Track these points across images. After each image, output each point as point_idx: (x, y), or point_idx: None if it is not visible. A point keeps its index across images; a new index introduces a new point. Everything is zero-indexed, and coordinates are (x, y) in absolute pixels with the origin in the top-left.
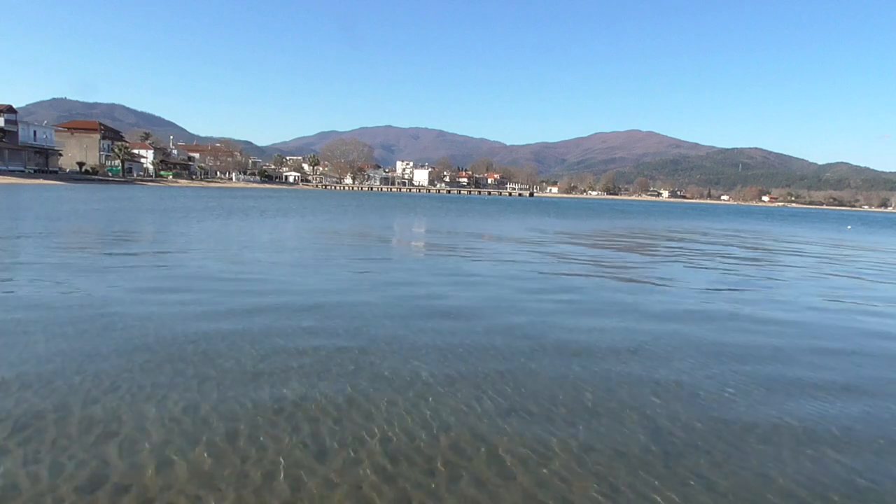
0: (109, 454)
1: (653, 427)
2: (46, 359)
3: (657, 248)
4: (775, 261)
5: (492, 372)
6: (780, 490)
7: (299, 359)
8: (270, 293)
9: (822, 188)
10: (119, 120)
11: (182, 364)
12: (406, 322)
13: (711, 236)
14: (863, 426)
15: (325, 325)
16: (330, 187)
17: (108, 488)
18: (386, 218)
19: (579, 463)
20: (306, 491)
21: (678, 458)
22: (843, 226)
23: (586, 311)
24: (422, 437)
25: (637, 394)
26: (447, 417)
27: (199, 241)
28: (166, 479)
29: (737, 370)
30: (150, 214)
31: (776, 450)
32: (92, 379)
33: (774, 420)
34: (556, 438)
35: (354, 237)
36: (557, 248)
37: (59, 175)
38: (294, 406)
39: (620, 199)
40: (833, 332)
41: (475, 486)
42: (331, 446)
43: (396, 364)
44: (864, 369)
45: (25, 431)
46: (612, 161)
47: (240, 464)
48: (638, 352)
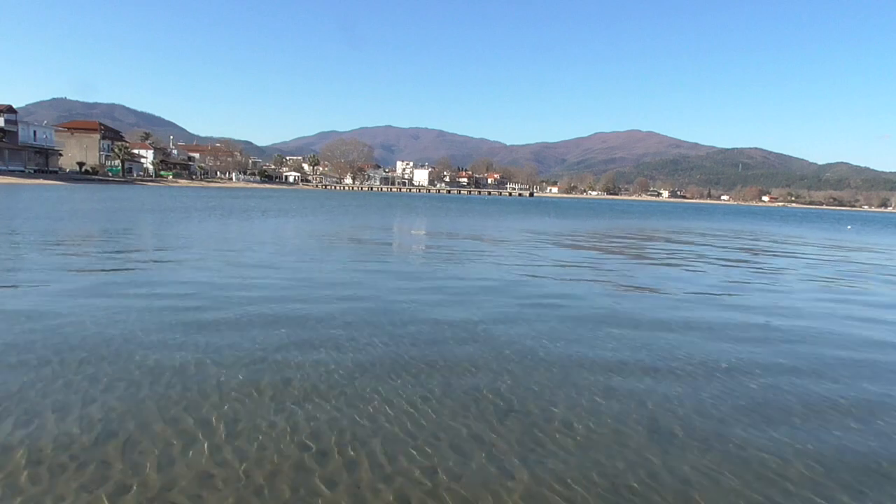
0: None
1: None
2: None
3: (667, 250)
4: (772, 263)
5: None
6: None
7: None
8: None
9: (822, 188)
10: (119, 120)
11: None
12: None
13: (712, 237)
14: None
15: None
16: (330, 187)
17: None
18: (387, 218)
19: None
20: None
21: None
22: (843, 226)
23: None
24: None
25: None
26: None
27: (201, 242)
28: (166, 479)
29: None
30: (150, 214)
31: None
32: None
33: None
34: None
35: (356, 240)
36: (561, 253)
37: (59, 175)
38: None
39: (620, 199)
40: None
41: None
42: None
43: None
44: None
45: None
46: (612, 161)
47: (239, 465)
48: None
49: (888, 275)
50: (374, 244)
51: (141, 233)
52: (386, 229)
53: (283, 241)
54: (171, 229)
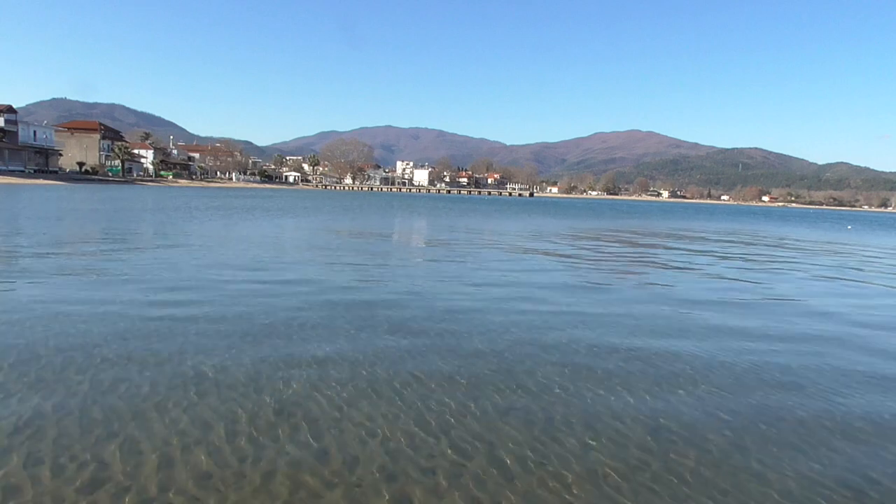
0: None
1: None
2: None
3: (677, 251)
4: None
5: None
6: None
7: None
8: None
9: (822, 188)
10: (119, 120)
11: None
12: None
13: (711, 238)
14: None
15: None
16: (330, 187)
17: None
18: (387, 218)
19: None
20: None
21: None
22: (843, 226)
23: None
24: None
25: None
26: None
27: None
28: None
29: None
30: (153, 215)
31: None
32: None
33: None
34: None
35: (359, 243)
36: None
37: (59, 175)
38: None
39: (620, 199)
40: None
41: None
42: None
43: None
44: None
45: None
46: (612, 161)
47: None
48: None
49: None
50: (439, 244)
51: (151, 232)
52: (385, 238)
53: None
54: (181, 227)
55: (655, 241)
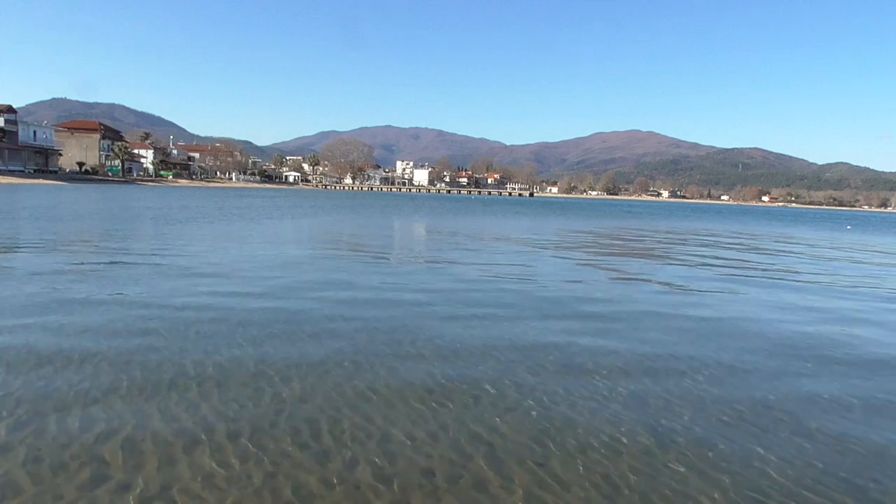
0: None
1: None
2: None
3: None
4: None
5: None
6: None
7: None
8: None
9: (822, 188)
10: (119, 120)
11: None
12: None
13: (714, 239)
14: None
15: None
16: (330, 187)
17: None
18: (388, 218)
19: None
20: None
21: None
22: (842, 226)
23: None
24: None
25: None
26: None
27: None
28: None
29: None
30: (149, 221)
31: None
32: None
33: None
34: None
35: (358, 247)
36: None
37: (59, 175)
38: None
39: (620, 199)
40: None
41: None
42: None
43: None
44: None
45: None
46: (612, 161)
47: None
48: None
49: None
50: (446, 234)
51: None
52: (386, 243)
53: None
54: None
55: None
